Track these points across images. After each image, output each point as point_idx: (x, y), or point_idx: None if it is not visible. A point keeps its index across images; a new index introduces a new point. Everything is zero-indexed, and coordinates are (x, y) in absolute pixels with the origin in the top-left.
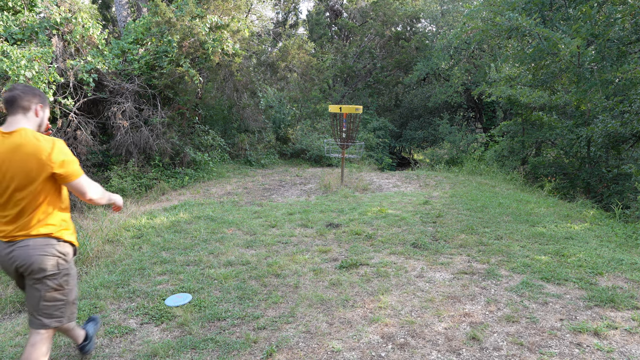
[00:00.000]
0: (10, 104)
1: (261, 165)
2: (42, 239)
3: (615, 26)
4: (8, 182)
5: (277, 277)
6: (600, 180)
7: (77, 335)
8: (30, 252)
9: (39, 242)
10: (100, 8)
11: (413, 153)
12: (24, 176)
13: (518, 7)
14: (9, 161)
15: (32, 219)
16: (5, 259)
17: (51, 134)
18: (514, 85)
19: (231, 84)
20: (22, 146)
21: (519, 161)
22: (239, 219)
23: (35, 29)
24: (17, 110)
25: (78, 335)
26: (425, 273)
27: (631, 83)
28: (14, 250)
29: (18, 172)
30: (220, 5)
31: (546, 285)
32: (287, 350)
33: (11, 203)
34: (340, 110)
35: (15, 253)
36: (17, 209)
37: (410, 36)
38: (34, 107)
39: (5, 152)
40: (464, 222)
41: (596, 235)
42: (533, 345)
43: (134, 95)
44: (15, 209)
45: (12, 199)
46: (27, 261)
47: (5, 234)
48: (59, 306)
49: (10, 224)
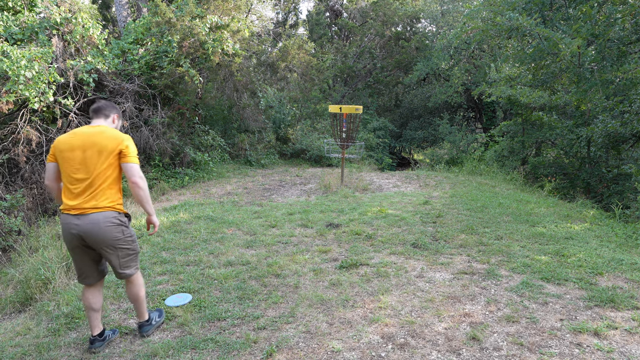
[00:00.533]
0: (96, 111)
1: (261, 165)
2: (109, 212)
3: (615, 26)
4: (87, 157)
5: (277, 277)
6: (600, 180)
7: (143, 312)
8: (102, 226)
9: (106, 215)
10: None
11: (413, 153)
12: (101, 152)
13: (518, 7)
14: (91, 139)
15: (98, 194)
16: (76, 230)
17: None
18: (514, 85)
19: (231, 84)
20: (105, 132)
21: (519, 161)
22: (239, 219)
23: (35, 29)
24: (100, 115)
25: (144, 312)
26: (425, 273)
27: (631, 83)
28: (83, 223)
29: (97, 149)
30: (220, 5)
31: (546, 286)
32: (287, 350)
33: (84, 173)
34: (340, 110)
35: (86, 227)
36: (86, 182)
37: (410, 36)
38: (112, 116)
39: (93, 134)
40: (464, 222)
41: (596, 235)
42: (533, 345)
43: (134, 95)
44: (84, 182)
45: (86, 170)
46: (99, 234)
47: (74, 206)
48: (132, 258)
49: (79, 196)
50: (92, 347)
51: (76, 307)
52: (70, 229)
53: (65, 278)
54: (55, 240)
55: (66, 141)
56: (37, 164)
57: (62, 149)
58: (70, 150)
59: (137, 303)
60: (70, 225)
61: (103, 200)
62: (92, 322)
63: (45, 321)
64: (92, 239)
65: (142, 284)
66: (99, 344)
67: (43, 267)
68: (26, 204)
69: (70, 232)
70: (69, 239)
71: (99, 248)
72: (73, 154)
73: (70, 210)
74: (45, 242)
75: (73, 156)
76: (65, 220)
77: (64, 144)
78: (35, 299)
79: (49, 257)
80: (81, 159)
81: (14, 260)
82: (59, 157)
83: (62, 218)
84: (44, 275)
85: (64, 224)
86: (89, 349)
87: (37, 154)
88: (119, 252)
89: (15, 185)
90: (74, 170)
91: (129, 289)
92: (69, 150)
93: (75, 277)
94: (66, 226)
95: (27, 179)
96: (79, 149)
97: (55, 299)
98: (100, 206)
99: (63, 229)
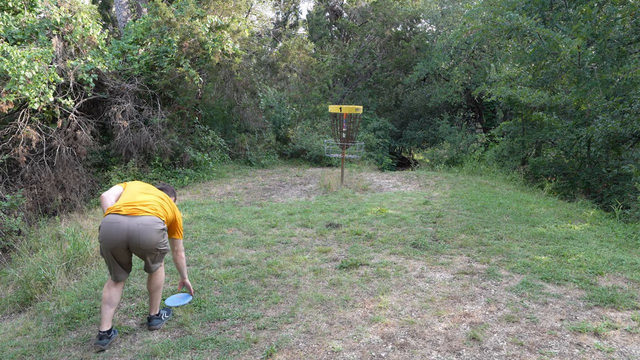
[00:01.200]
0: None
1: (261, 166)
2: (156, 217)
3: (615, 26)
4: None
5: (277, 277)
6: (600, 180)
7: (156, 305)
8: (151, 228)
9: (154, 219)
10: (100, 8)
11: (413, 153)
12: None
13: (518, 7)
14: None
15: (149, 205)
16: (120, 230)
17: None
18: (514, 86)
19: (231, 84)
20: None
21: (519, 161)
22: (239, 219)
23: (36, 29)
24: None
25: (157, 306)
26: (425, 273)
27: (631, 83)
28: (133, 224)
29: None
30: (220, 5)
31: (546, 286)
32: (287, 350)
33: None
34: (340, 110)
35: (134, 228)
36: (144, 200)
37: (410, 36)
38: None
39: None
40: (464, 222)
41: (596, 235)
42: (533, 346)
43: (134, 96)
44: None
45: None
46: (145, 237)
47: (126, 211)
48: (163, 256)
49: (134, 206)
50: (99, 343)
51: (76, 307)
52: (116, 228)
53: (65, 278)
54: (55, 241)
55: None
56: (37, 164)
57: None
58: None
59: (156, 294)
60: (116, 223)
61: (151, 209)
62: (105, 316)
63: (45, 321)
64: (138, 239)
65: (164, 277)
66: (106, 341)
67: (43, 267)
68: (26, 204)
69: (113, 231)
70: (112, 238)
71: (140, 247)
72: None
73: (121, 210)
74: (45, 242)
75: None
76: (112, 219)
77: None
78: (35, 299)
79: (49, 257)
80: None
81: (14, 260)
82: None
83: (108, 218)
84: (44, 275)
85: (110, 223)
86: (96, 345)
87: (37, 154)
88: (157, 253)
89: (15, 185)
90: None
91: (153, 280)
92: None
93: (75, 278)
94: (110, 225)
95: (27, 179)
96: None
97: (55, 299)
98: (150, 212)
99: (107, 228)
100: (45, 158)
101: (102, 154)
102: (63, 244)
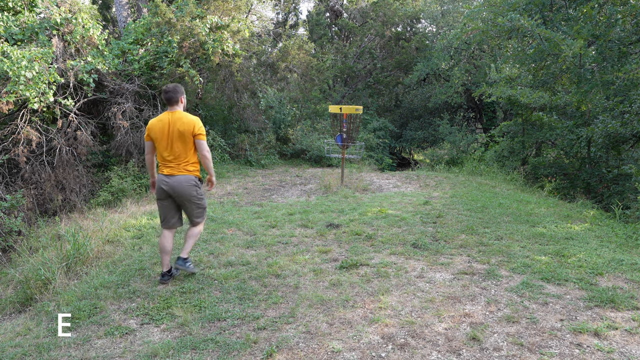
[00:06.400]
0: (169, 101)
1: (261, 166)
2: (189, 176)
3: (616, 27)
4: (172, 137)
5: (277, 277)
6: (601, 180)
7: (189, 250)
8: (184, 184)
9: (188, 177)
10: (100, 8)
11: (413, 153)
12: (182, 134)
13: (519, 7)
14: (174, 125)
15: (182, 163)
16: (166, 186)
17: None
18: (514, 86)
19: (231, 85)
20: (182, 118)
21: (519, 161)
22: (239, 219)
23: (36, 30)
24: (174, 102)
25: (189, 250)
26: (425, 273)
27: (632, 84)
28: (172, 181)
29: (179, 131)
30: (221, 5)
31: (546, 286)
32: (287, 350)
33: (172, 150)
34: (340, 110)
35: (173, 184)
36: (174, 155)
37: (410, 36)
38: (180, 98)
39: (173, 120)
40: (464, 222)
41: (596, 235)
42: (533, 346)
43: (134, 96)
44: (173, 155)
45: (173, 148)
46: (181, 190)
47: (167, 172)
48: (202, 212)
49: (170, 163)
50: (162, 280)
51: (76, 307)
52: (162, 185)
53: (65, 278)
54: (55, 241)
55: (155, 127)
56: (37, 164)
57: (155, 132)
58: (160, 133)
59: (191, 239)
60: (163, 182)
61: (185, 168)
62: (164, 261)
63: (45, 321)
64: (176, 193)
65: (201, 231)
66: (167, 277)
67: (43, 267)
68: (26, 204)
69: (162, 187)
70: (160, 192)
71: (180, 200)
72: (162, 136)
73: (164, 171)
74: (45, 242)
75: (162, 139)
76: (160, 179)
77: (154, 132)
78: (35, 299)
79: (49, 258)
80: (167, 142)
81: (14, 261)
82: (153, 137)
83: (158, 177)
84: (44, 275)
85: (159, 181)
86: (160, 281)
87: (37, 154)
88: (192, 205)
89: (15, 186)
90: (162, 149)
91: (193, 229)
92: (159, 133)
93: (75, 278)
94: (160, 183)
95: (27, 179)
96: (165, 135)
97: (55, 299)
98: (183, 171)
99: (157, 185)
100: (45, 158)
101: (102, 154)
102: (63, 244)
